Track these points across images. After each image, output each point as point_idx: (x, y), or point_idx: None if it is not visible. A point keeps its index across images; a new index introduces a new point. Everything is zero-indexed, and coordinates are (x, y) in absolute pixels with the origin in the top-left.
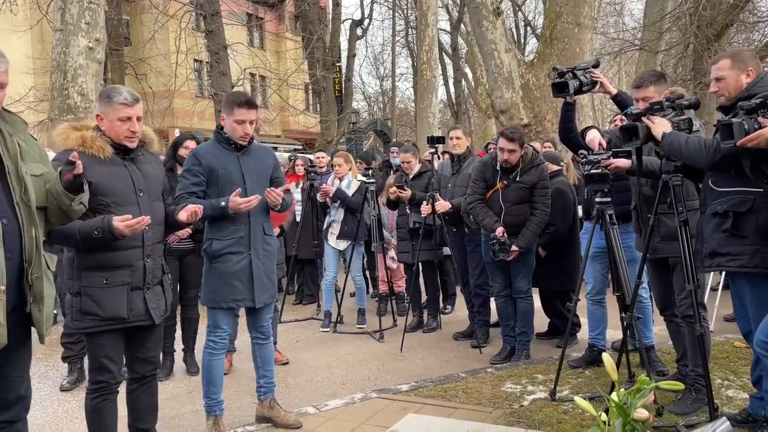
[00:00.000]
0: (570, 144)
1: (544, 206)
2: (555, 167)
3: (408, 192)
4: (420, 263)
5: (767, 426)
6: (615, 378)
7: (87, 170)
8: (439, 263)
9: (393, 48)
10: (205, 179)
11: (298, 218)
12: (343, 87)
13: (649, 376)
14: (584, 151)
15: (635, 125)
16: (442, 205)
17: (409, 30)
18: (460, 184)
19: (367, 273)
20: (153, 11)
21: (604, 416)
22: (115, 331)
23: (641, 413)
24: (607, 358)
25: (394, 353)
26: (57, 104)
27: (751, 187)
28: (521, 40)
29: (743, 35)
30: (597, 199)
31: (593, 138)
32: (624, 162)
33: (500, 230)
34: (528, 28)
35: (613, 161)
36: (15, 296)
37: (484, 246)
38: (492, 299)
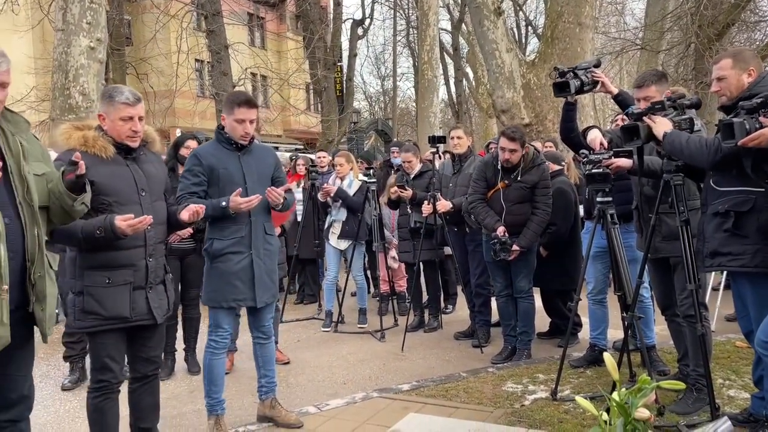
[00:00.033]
0: (571, 144)
1: (545, 206)
2: (556, 167)
3: (409, 191)
4: (421, 263)
5: None
6: (616, 377)
7: (89, 170)
8: (440, 263)
9: (394, 48)
10: (206, 179)
11: (300, 218)
12: (345, 87)
13: (651, 376)
14: (585, 151)
15: (636, 125)
16: (443, 205)
17: (410, 30)
18: (461, 184)
19: (369, 272)
20: (154, 11)
21: (606, 416)
22: (118, 331)
23: (642, 413)
24: (609, 358)
25: (396, 353)
26: (58, 104)
27: (753, 187)
28: (522, 40)
29: (745, 35)
30: (598, 199)
31: (594, 138)
32: (625, 162)
33: (501, 230)
34: (529, 28)
35: (615, 161)
36: (18, 295)
37: (485, 245)
38: (493, 299)
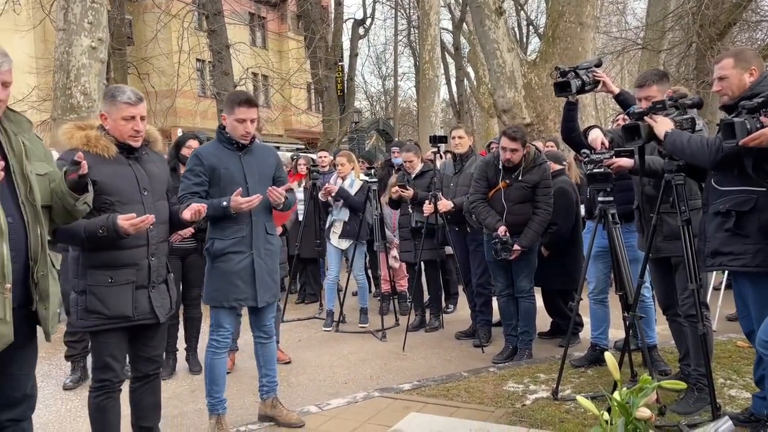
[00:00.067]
0: (572, 143)
1: (547, 205)
2: (558, 166)
3: (410, 191)
4: (422, 262)
5: None
6: (617, 377)
7: (91, 169)
8: (442, 262)
9: (395, 47)
10: (208, 179)
11: (301, 217)
12: (346, 86)
13: (652, 376)
14: (587, 151)
15: (637, 124)
16: (445, 205)
17: (412, 29)
18: (463, 184)
19: (370, 272)
20: (156, 11)
21: (607, 415)
22: (120, 330)
23: (643, 412)
24: (610, 358)
25: (397, 352)
26: (60, 104)
27: (754, 187)
28: (524, 40)
29: (746, 34)
30: (599, 199)
31: (596, 137)
32: (626, 161)
33: (502, 229)
34: (530, 28)
35: (616, 160)
36: (21, 294)
37: (487, 245)
38: (494, 298)
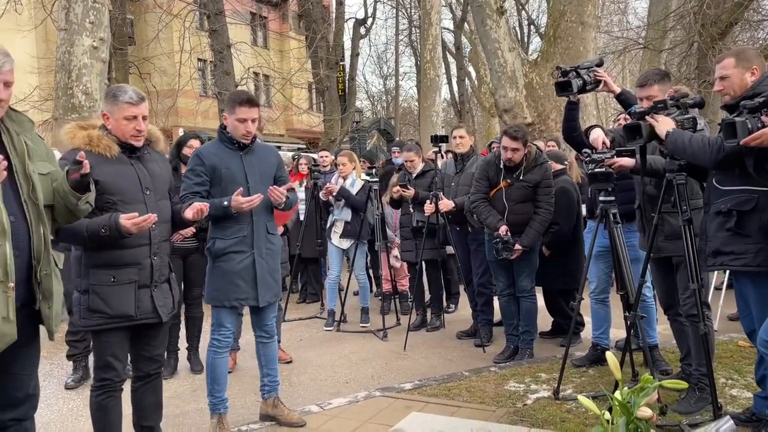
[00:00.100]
0: (574, 143)
1: (548, 205)
2: (559, 166)
3: (411, 191)
4: (423, 262)
5: None
6: (618, 377)
7: (94, 169)
8: (443, 262)
9: (396, 47)
10: (209, 179)
11: (302, 217)
12: (347, 86)
13: (653, 375)
14: (588, 150)
15: (639, 124)
16: (446, 204)
17: (413, 29)
18: (464, 183)
19: (371, 272)
20: (157, 10)
21: (608, 415)
22: (122, 329)
23: (645, 412)
24: (611, 357)
25: (398, 352)
26: (61, 103)
27: (755, 186)
28: (525, 39)
29: (748, 33)
30: (601, 198)
31: (597, 137)
32: (628, 161)
33: (503, 229)
34: (531, 27)
35: (617, 160)
36: (24, 293)
37: (488, 245)
38: (495, 298)
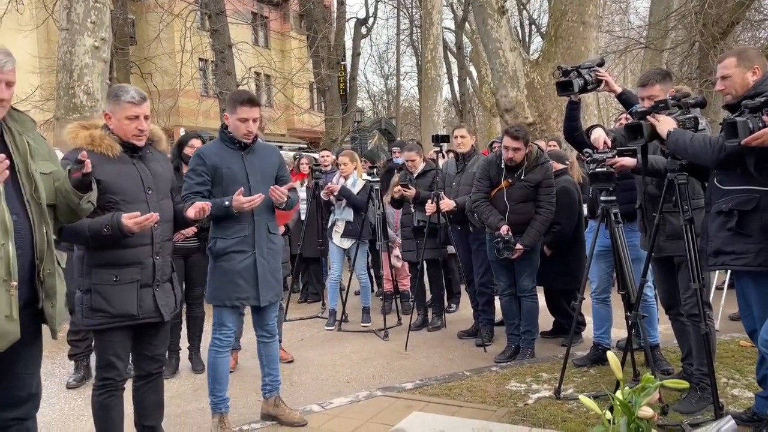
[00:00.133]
0: (575, 143)
1: (549, 205)
2: (560, 166)
3: (412, 190)
4: (424, 262)
5: None
6: (620, 376)
7: (96, 168)
8: (444, 262)
9: (397, 46)
10: (210, 179)
11: (303, 217)
12: (348, 86)
13: (654, 375)
14: (589, 150)
15: (640, 123)
16: (447, 204)
17: (414, 29)
18: (465, 183)
19: (372, 271)
20: (158, 10)
21: (609, 414)
22: (124, 329)
23: (646, 411)
24: (612, 357)
25: (399, 351)
26: (63, 103)
27: (757, 186)
28: (526, 39)
29: (749, 33)
30: (602, 198)
31: (598, 137)
32: (629, 160)
33: (505, 228)
34: (533, 27)
35: (618, 160)
36: (27, 292)
37: (489, 244)
38: (496, 298)
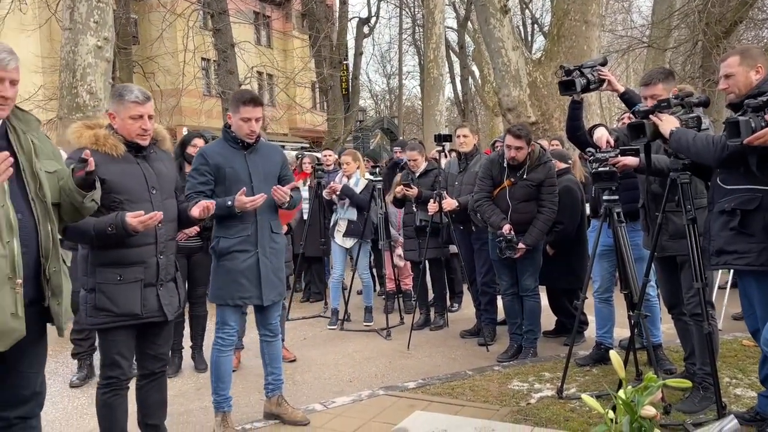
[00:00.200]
0: (577, 142)
1: (551, 204)
2: (563, 165)
3: (414, 190)
4: (427, 261)
5: None
6: (622, 376)
7: (100, 168)
8: (446, 261)
9: (400, 46)
10: (213, 178)
11: (306, 216)
12: (350, 85)
13: (657, 374)
14: (592, 149)
15: (642, 123)
16: (449, 203)
17: (416, 28)
18: (467, 182)
19: (374, 271)
20: (161, 10)
21: (612, 414)
22: (128, 328)
23: (649, 411)
24: (615, 356)
25: (401, 351)
26: (66, 103)
27: (759, 185)
28: (528, 38)
29: (752, 32)
30: (605, 197)
31: (601, 136)
32: (632, 160)
33: (507, 228)
34: (535, 26)
35: (621, 159)
36: (32, 290)
37: (491, 244)
38: (499, 297)
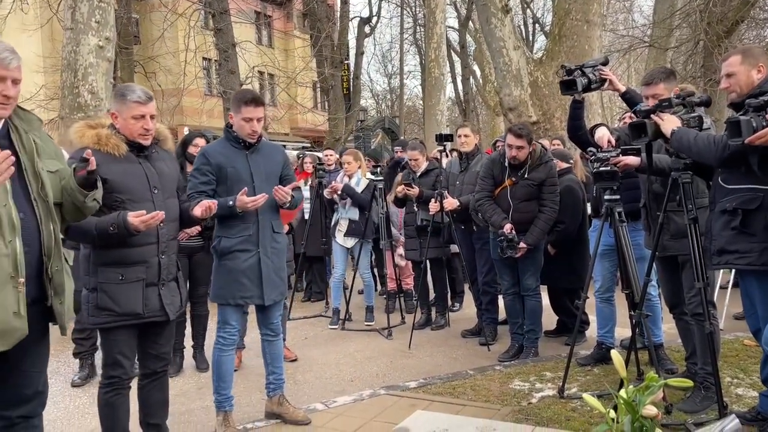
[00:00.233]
0: (579, 141)
1: (553, 203)
2: (564, 165)
3: (415, 189)
4: (428, 261)
5: None
6: (624, 375)
7: (102, 168)
8: (448, 261)
9: (401, 45)
10: (215, 178)
11: (307, 216)
12: (351, 85)
13: (658, 374)
14: (593, 149)
15: (644, 122)
16: (451, 203)
17: (418, 27)
18: (468, 182)
19: (376, 270)
20: (162, 9)
21: (613, 413)
22: (130, 327)
23: (650, 410)
24: (616, 355)
25: (403, 350)
26: (67, 102)
27: (760, 185)
28: (530, 38)
29: (754, 32)
30: (606, 197)
31: (602, 135)
32: (633, 159)
33: (508, 227)
34: (536, 26)
35: (622, 159)
36: (35, 289)
37: (493, 243)
38: (500, 297)
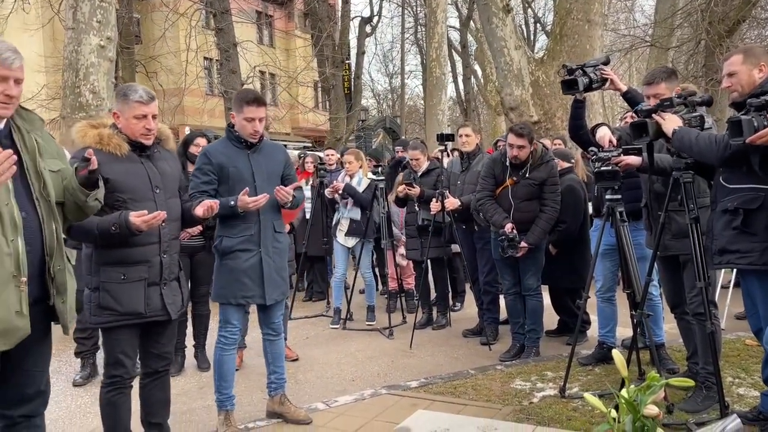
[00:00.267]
0: (580, 141)
1: (554, 203)
2: (566, 164)
3: (417, 189)
4: (429, 260)
5: None
6: (625, 375)
7: (104, 167)
8: (449, 260)
9: (402, 45)
10: (216, 177)
11: (308, 215)
12: (352, 84)
13: (660, 374)
14: (594, 148)
15: (645, 122)
16: (452, 203)
17: (419, 27)
18: (470, 182)
19: (377, 270)
20: (163, 9)
21: (614, 413)
22: (132, 326)
23: (651, 410)
24: (618, 355)
25: (404, 350)
26: (69, 102)
27: (762, 184)
28: (531, 37)
29: (755, 31)
30: (607, 197)
31: (603, 135)
32: (634, 159)
33: (509, 227)
34: (538, 25)
35: (624, 158)
36: (37, 289)
37: (494, 243)
38: (501, 296)
